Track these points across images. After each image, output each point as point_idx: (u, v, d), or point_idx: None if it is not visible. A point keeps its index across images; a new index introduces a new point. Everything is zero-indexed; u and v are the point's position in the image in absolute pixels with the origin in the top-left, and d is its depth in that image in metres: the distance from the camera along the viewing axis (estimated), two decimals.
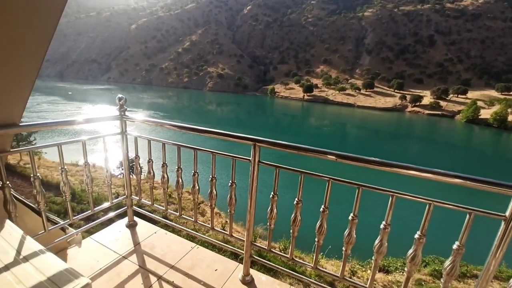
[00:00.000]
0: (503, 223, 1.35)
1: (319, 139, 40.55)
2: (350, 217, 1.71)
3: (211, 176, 2.23)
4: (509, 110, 63.55)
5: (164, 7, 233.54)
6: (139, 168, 2.66)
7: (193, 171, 2.29)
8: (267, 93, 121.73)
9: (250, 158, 1.98)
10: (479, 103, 72.24)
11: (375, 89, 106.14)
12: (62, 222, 2.30)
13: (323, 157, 1.72)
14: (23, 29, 1.46)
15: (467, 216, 1.43)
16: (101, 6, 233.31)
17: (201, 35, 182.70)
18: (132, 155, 2.69)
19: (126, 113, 2.63)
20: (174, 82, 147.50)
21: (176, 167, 2.36)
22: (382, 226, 1.62)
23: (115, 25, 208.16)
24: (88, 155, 2.32)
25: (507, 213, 1.34)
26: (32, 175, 1.97)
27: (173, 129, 2.39)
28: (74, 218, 2.34)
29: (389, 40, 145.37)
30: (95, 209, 2.52)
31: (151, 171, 2.57)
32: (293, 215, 1.92)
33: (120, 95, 2.57)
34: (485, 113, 66.68)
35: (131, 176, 2.85)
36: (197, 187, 2.34)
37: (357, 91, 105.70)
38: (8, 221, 1.65)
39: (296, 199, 1.88)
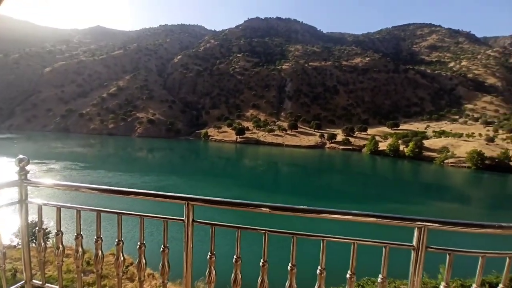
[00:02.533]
0: (412, 252, 1.49)
1: (255, 180, 41.56)
2: (288, 267, 1.71)
3: (139, 243, 1.96)
4: (399, 141, 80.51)
5: (86, 52, 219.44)
6: (42, 244, 2.14)
7: (117, 240, 1.98)
8: (201, 137, 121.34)
9: (184, 218, 1.88)
10: (377, 138, 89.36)
11: (299, 129, 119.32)
12: None
13: (257, 210, 1.75)
14: None
15: (383, 249, 1.57)
16: (9, 47, 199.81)
17: (129, 81, 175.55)
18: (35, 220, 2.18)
19: (30, 176, 2.16)
20: (97, 128, 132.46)
21: (95, 238, 1.99)
22: (318, 271, 1.66)
23: (25, 67, 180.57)
24: None
25: (414, 243, 1.49)
26: None
27: (91, 192, 2.07)
28: None
29: (305, 89, 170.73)
30: None
31: (60, 246, 2.10)
32: (233, 274, 1.84)
33: (21, 156, 2.13)
34: (382, 145, 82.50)
35: (31, 250, 2.26)
36: (122, 258, 2.02)
37: (284, 131, 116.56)
38: None
39: (235, 256, 1.82)
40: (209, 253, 1.87)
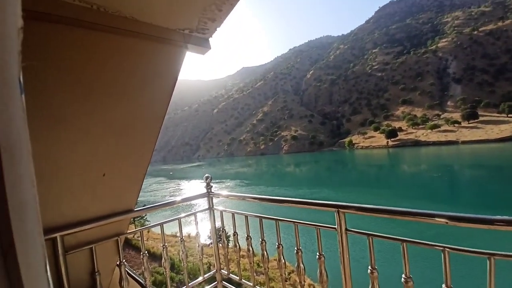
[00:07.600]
0: None
1: (420, 189, 33.92)
2: None
3: (296, 248, 2.05)
4: None
5: (238, 90, 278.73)
6: (225, 241, 2.75)
7: (277, 243, 2.18)
8: (345, 146, 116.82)
9: (336, 226, 1.77)
10: None
11: (481, 118, 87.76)
12: None
13: (426, 220, 1.36)
14: (138, 136, 1.85)
15: None
16: (192, 101, 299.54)
17: (271, 105, 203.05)
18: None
19: (212, 189, 2.90)
20: (252, 150, 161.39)
21: (260, 240, 2.33)
22: None
23: (202, 112, 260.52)
24: (184, 228, 2.57)
25: None
26: (141, 253, 2.28)
27: (254, 201, 2.47)
28: None
29: (480, 63, 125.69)
30: (189, 284, 2.62)
31: (237, 244, 2.60)
32: None
33: (207, 175, 2.89)
34: None
35: (219, 249, 2.95)
36: (283, 261, 2.18)
37: (456, 125, 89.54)
38: None
39: (404, 276, 1.47)
40: (369, 268, 1.57)
